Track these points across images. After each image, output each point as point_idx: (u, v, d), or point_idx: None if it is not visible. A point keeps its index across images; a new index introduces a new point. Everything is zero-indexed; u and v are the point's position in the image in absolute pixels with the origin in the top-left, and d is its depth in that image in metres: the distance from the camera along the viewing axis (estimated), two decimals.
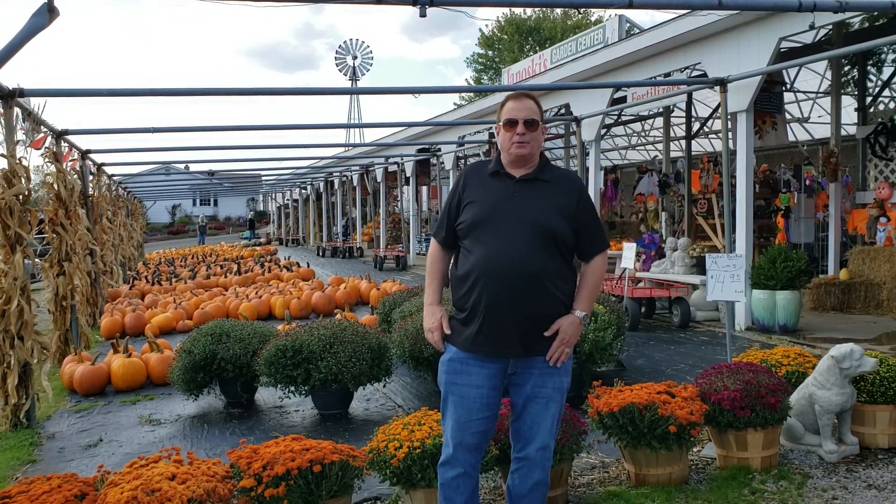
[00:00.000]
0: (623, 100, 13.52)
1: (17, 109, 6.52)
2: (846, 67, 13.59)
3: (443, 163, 21.59)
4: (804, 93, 15.86)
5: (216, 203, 61.85)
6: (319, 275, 16.74)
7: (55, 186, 8.58)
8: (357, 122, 30.26)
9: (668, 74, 11.32)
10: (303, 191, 36.69)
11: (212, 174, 23.74)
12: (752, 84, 8.78)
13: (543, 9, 36.28)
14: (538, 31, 40.36)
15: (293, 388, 5.74)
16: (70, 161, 10.41)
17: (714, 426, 4.30)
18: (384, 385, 6.32)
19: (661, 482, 4.06)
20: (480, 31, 45.14)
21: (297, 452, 3.35)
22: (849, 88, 13.70)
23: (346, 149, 25.93)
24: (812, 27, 6.98)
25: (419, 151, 20.76)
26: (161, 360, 7.19)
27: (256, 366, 5.83)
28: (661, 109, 15.06)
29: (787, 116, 15.15)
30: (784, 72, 13.36)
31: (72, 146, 10.65)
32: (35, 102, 7.30)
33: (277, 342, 5.77)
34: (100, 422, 6.12)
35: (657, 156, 20.90)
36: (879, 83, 13.56)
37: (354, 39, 61.29)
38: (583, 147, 12.89)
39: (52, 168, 8.76)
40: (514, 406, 3.05)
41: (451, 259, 3.16)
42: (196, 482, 3.08)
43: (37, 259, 7.20)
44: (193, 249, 28.23)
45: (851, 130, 13.32)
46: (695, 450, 4.65)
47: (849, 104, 13.24)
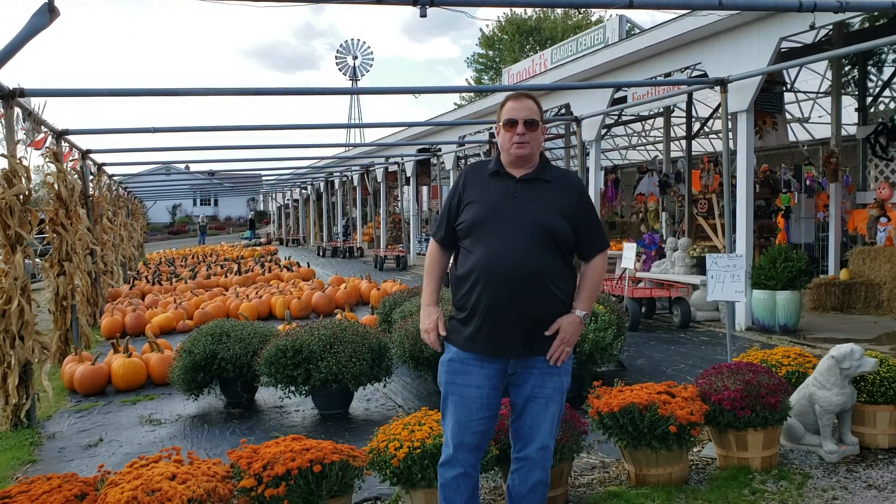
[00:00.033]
0: (623, 100, 13.50)
1: (18, 109, 6.53)
2: (846, 67, 13.58)
3: (443, 163, 21.58)
4: (804, 93, 15.86)
5: (216, 203, 61.87)
6: (320, 275, 16.74)
7: (55, 186, 8.58)
8: (357, 122, 30.24)
9: (669, 74, 11.32)
10: (303, 191, 36.69)
11: (212, 174, 23.71)
12: (753, 84, 8.78)
13: (544, 9, 36.28)
14: (539, 32, 40.37)
15: (293, 388, 5.74)
16: (70, 161, 10.42)
17: (714, 426, 4.30)
18: (384, 385, 6.33)
19: (662, 482, 4.06)
20: (481, 31, 45.23)
21: (298, 452, 3.35)
22: (849, 88, 13.70)
23: (347, 149, 25.92)
24: (812, 27, 6.99)
25: (419, 151, 20.74)
26: (161, 360, 7.19)
27: (257, 366, 5.83)
28: (662, 109, 15.05)
29: (788, 116, 15.14)
30: (784, 72, 13.35)
31: (72, 146, 10.65)
32: (35, 102, 7.30)
33: (278, 342, 5.77)
34: (100, 422, 6.13)
35: (657, 156, 20.89)
36: (880, 83, 13.57)
37: (355, 39, 61.34)
38: (583, 147, 12.89)
39: (53, 168, 8.76)
40: (514, 406, 3.05)
41: (450, 259, 3.16)
42: (196, 482, 3.08)
43: (37, 259, 7.21)
44: (194, 249, 28.24)
45: (852, 130, 13.33)
46: (695, 450, 4.65)
47: (849, 104, 13.25)
